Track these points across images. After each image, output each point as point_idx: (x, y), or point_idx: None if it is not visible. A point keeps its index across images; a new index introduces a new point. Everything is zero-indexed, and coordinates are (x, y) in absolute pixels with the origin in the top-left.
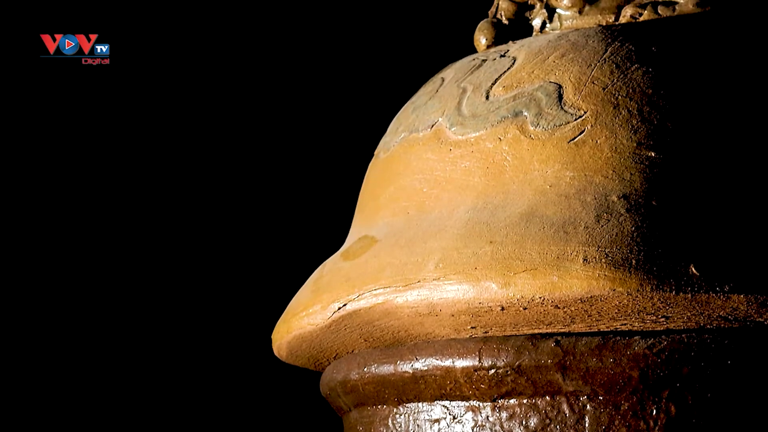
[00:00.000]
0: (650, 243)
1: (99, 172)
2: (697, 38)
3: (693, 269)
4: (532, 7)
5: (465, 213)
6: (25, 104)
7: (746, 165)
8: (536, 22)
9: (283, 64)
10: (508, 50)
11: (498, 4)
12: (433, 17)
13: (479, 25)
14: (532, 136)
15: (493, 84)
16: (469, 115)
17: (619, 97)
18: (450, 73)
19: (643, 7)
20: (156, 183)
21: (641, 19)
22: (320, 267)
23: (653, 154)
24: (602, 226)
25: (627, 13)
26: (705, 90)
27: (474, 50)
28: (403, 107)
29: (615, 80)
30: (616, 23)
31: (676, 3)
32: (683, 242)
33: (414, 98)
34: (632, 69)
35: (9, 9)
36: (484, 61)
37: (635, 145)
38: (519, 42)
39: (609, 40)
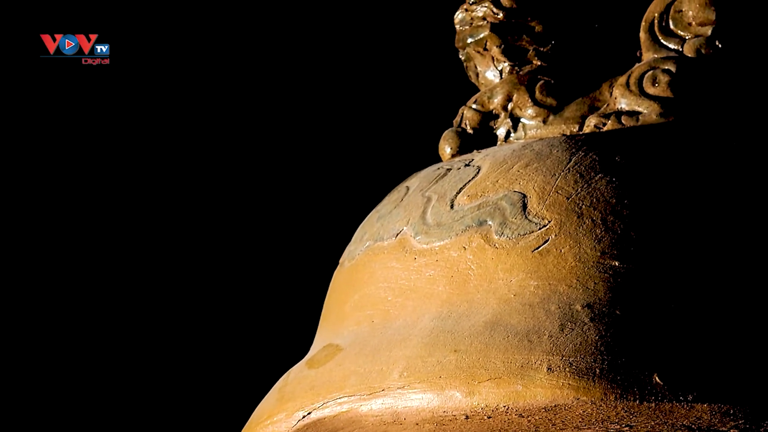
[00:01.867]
0: (614, 352)
1: (99, 172)
2: (661, 148)
3: (657, 378)
4: (497, 116)
5: (430, 321)
6: (25, 104)
7: (709, 274)
8: (501, 132)
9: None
10: (472, 159)
11: (463, 113)
12: (399, 126)
13: (444, 134)
14: (496, 245)
15: (457, 193)
16: (434, 224)
17: (583, 206)
18: (415, 181)
19: (607, 117)
20: (155, 183)
21: (605, 128)
22: (285, 375)
23: (617, 264)
24: (566, 335)
25: (591, 122)
26: (668, 200)
27: (439, 159)
28: (368, 216)
29: (579, 190)
30: (580, 133)
31: (640, 113)
32: (647, 351)
33: (379, 207)
34: (596, 179)
35: (9, 9)
36: (448, 170)
37: (599, 254)
38: (483, 151)
39: (573, 150)
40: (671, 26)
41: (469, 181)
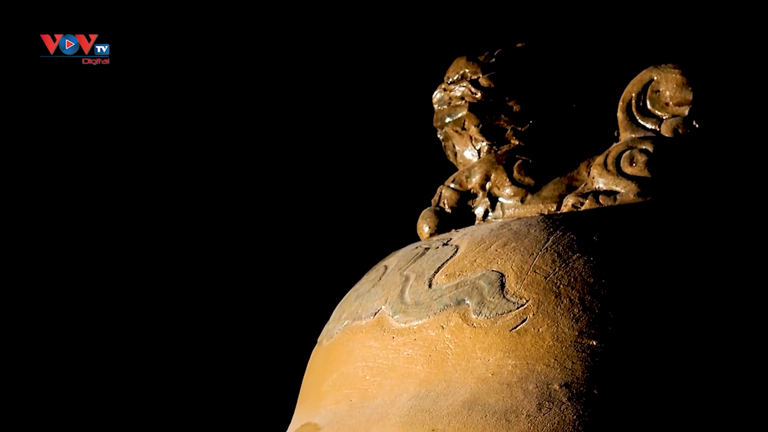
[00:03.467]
0: (592, 431)
1: (99, 172)
2: (638, 228)
3: None
4: (475, 196)
5: (408, 401)
6: (25, 104)
7: (686, 354)
8: (479, 211)
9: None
10: (450, 239)
11: (441, 192)
12: (377, 205)
13: (422, 214)
14: (474, 324)
15: (435, 272)
16: (412, 303)
17: (561, 286)
18: (393, 260)
19: (585, 196)
20: (155, 184)
21: (583, 208)
22: None
23: (594, 343)
24: (544, 414)
25: (569, 202)
26: (645, 280)
27: (417, 238)
28: (347, 295)
29: (557, 269)
30: (558, 212)
31: (617, 193)
32: (624, 431)
33: (357, 285)
34: (574, 258)
35: (9, 9)
36: (426, 249)
37: (577, 333)
38: (462, 230)
39: (551, 230)
40: (648, 106)
41: (447, 260)
